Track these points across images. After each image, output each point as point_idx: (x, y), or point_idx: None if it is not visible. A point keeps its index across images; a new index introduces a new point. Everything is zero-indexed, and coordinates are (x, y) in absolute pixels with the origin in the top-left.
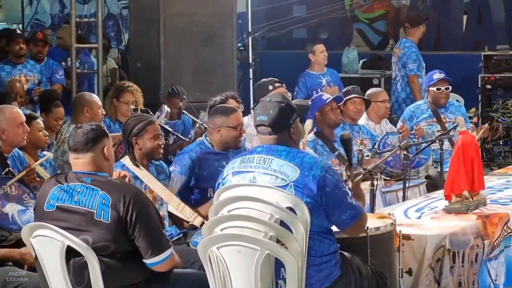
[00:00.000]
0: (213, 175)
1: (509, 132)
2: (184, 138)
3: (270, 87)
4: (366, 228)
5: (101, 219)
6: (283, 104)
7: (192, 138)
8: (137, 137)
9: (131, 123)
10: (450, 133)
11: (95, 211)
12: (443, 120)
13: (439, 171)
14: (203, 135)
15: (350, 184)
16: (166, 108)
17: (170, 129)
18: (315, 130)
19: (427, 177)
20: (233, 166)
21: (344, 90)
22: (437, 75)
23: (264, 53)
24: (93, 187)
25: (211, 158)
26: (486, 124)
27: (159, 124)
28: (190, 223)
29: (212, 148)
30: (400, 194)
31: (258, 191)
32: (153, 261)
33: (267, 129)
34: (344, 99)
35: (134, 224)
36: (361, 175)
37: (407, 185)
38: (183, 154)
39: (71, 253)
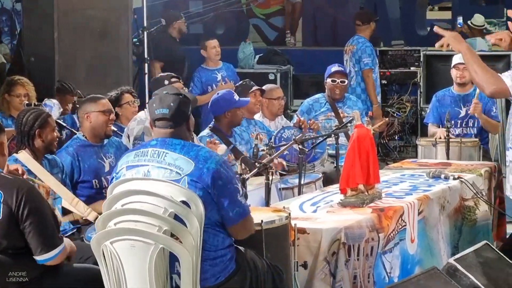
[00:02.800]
0: (94, 167)
1: (404, 127)
2: (76, 132)
3: (166, 82)
4: (261, 221)
5: None
6: (181, 97)
7: None
8: (40, 129)
9: (31, 115)
10: (347, 127)
11: None
12: (341, 114)
13: (335, 165)
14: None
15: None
16: (53, 101)
17: (64, 124)
18: (211, 126)
19: (323, 172)
20: (127, 160)
21: (237, 84)
22: (335, 67)
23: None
24: None
25: (88, 151)
26: (386, 118)
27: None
28: (84, 218)
29: (87, 140)
30: (296, 190)
31: (152, 185)
32: (44, 257)
33: (168, 122)
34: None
35: (25, 220)
36: (256, 169)
37: (302, 180)
38: (60, 153)
39: None
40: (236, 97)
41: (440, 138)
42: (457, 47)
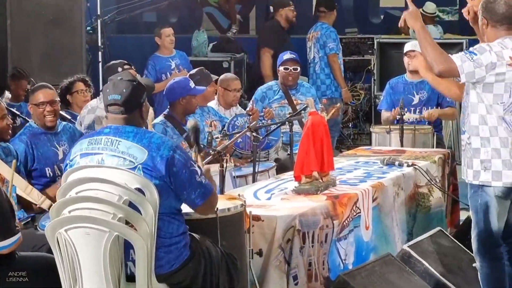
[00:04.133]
0: (47, 155)
1: (358, 114)
2: (29, 120)
3: (120, 69)
4: (216, 209)
5: None
6: (135, 83)
7: None
8: None
9: None
10: (301, 115)
11: None
12: (294, 101)
13: (289, 153)
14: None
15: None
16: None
17: (16, 112)
18: (165, 113)
19: (277, 160)
20: (80, 147)
21: (193, 73)
22: (287, 55)
23: (114, 36)
24: None
25: (41, 138)
26: (339, 104)
27: None
28: (38, 206)
29: (40, 128)
30: (250, 178)
31: (107, 172)
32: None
33: (119, 108)
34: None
35: None
36: (211, 157)
37: (257, 168)
38: (14, 140)
39: None
40: (192, 84)
41: (394, 117)
42: (412, 24)
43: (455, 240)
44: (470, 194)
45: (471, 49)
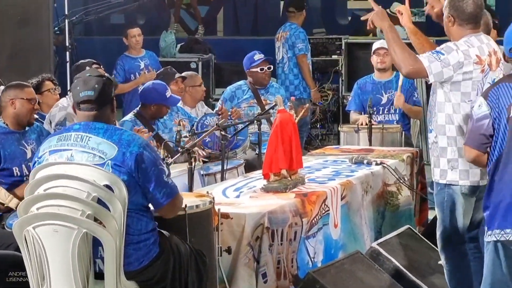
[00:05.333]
0: (15, 154)
1: (326, 115)
2: None
3: (88, 68)
4: (184, 206)
5: None
6: (105, 78)
7: None
8: None
9: None
10: (270, 114)
11: None
12: (264, 101)
13: (257, 153)
14: None
15: None
16: None
17: None
18: (135, 111)
19: (245, 159)
20: (49, 144)
21: (158, 72)
22: (258, 55)
23: (81, 38)
24: None
25: (9, 138)
26: (307, 104)
27: None
28: (5, 205)
29: (8, 127)
30: (219, 176)
31: (75, 169)
32: None
33: (93, 105)
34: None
35: None
36: (179, 154)
37: (225, 166)
38: None
39: None
40: (169, 93)
41: (362, 124)
42: (379, 24)
43: (424, 238)
44: (436, 191)
45: (437, 48)
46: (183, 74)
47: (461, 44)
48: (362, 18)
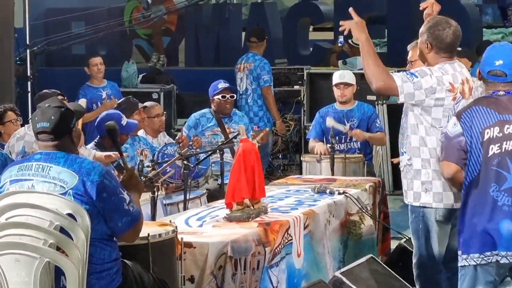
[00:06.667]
0: None
1: (288, 145)
2: None
3: (51, 98)
4: (147, 235)
5: None
6: (63, 109)
7: None
8: None
9: None
10: (233, 143)
11: None
12: (227, 130)
13: (219, 183)
14: None
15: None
16: None
17: None
18: (96, 141)
19: (206, 189)
20: (10, 174)
21: (120, 101)
22: (221, 84)
23: (43, 69)
24: None
25: None
26: (267, 128)
27: None
28: None
29: None
30: (181, 206)
31: (37, 197)
32: None
33: (49, 135)
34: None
35: None
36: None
37: (188, 195)
38: None
39: None
40: (124, 121)
41: (321, 153)
42: (357, 35)
43: (387, 267)
44: (411, 219)
45: (412, 70)
46: (144, 104)
47: (435, 70)
48: (341, 23)
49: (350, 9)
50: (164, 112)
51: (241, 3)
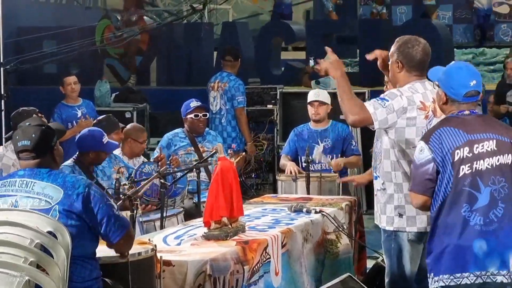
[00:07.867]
0: None
1: (261, 165)
2: None
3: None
4: (126, 253)
5: None
6: (44, 127)
7: None
8: None
9: None
10: (209, 161)
11: None
12: (201, 149)
13: (195, 201)
14: None
15: None
16: None
17: None
18: (74, 158)
19: (182, 207)
20: None
21: (100, 118)
22: (194, 103)
23: (15, 88)
24: None
25: None
26: (243, 153)
27: None
28: None
29: None
30: (158, 223)
31: (18, 215)
32: None
33: (30, 154)
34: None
35: None
36: (121, 201)
37: (164, 214)
38: None
39: None
40: (105, 139)
41: (291, 172)
42: (333, 73)
43: (364, 286)
44: (384, 238)
45: (382, 95)
46: (130, 126)
47: (405, 90)
48: (317, 61)
49: (327, 48)
50: (145, 140)
51: (213, 22)
